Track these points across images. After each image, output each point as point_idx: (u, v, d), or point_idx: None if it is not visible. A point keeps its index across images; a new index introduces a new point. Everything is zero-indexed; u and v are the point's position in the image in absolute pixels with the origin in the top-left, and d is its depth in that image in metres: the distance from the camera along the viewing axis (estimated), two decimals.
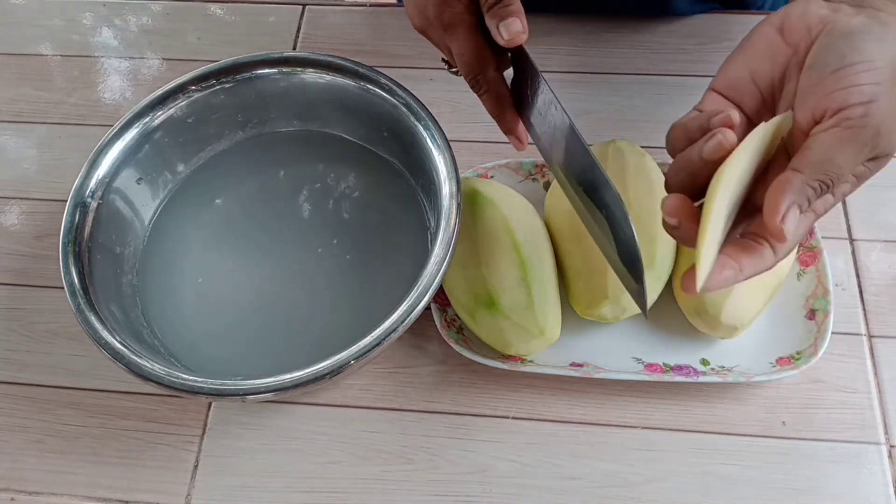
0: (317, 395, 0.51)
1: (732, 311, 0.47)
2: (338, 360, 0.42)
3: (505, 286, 0.48)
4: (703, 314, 0.48)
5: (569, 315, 0.50)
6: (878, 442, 0.48)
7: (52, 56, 0.70)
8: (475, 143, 0.60)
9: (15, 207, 0.61)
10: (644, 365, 0.50)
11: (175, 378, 0.43)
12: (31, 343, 0.54)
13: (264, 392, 0.42)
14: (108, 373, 0.52)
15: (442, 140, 0.49)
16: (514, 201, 0.52)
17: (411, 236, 0.53)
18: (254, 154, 0.57)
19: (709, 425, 0.49)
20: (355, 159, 0.57)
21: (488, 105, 0.44)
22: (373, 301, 0.51)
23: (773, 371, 0.48)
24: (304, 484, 0.48)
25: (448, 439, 0.49)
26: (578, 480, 0.48)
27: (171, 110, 0.53)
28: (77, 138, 0.64)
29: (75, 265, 0.47)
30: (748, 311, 0.48)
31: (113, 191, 0.51)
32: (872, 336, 0.51)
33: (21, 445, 0.51)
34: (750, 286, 0.47)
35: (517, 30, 0.40)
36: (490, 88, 0.43)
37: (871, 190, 0.57)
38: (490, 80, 0.43)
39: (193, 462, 0.49)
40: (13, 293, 0.57)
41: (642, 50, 0.65)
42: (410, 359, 0.52)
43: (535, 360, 0.50)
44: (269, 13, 0.71)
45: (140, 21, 0.71)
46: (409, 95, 0.52)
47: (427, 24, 0.43)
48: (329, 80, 0.54)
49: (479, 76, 0.42)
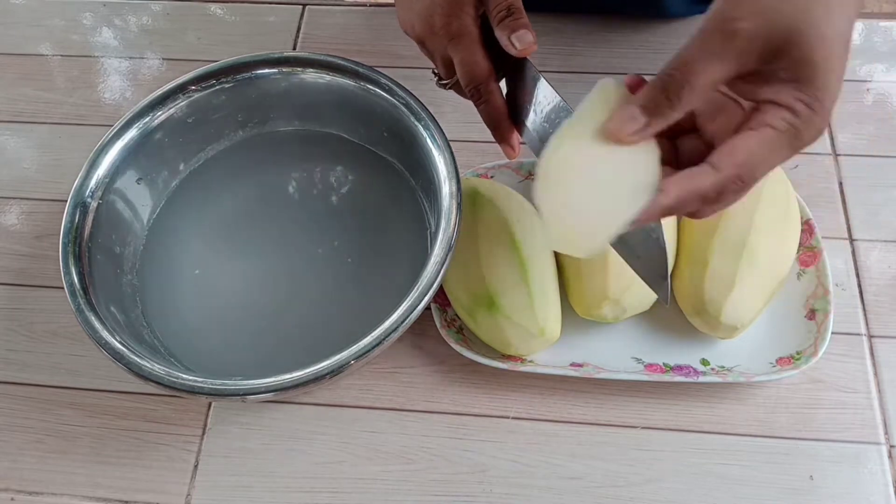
0: (317, 395, 0.51)
1: (732, 311, 0.47)
2: (338, 360, 0.42)
3: (505, 286, 0.48)
4: (703, 314, 0.48)
5: (569, 315, 0.50)
6: (878, 442, 0.48)
7: (52, 56, 0.70)
8: (475, 143, 0.60)
9: (15, 207, 0.61)
10: (644, 365, 0.50)
11: (175, 378, 0.43)
12: (31, 343, 0.54)
13: (264, 392, 0.42)
14: (108, 373, 0.52)
15: (442, 140, 0.50)
16: (514, 201, 0.52)
17: (411, 236, 0.53)
18: (254, 154, 0.57)
19: (709, 425, 0.49)
20: (355, 159, 0.57)
21: (486, 115, 0.44)
22: (373, 301, 0.51)
23: (773, 371, 0.48)
24: (304, 484, 0.48)
25: (448, 439, 0.49)
26: (578, 480, 0.48)
27: (171, 110, 0.54)
28: (77, 138, 0.64)
29: (75, 265, 0.47)
30: (748, 310, 0.48)
31: (113, 191, 0.51)
32: (872, 336, 0.51)
33: (21, 445, 0.51)
34: (750, 287, 0.48)
35: (529, 41, 0.40)
36: (490, 99, 0.43)
37: (872, 190, 0.57)
38: (490, 90, 0.43)
39: (193, 462, 0.49)
40: (13, 293, 0.57)
41: (642, 50, 0.65)
42: (410, 359, 0.52)
43: (535, 360, 0.50)
44: (269, 13, 0.71)
45: (140, 21, 0.71)
46: (409, 95, 0.52)
47: (430, 33, 0.43)
48: (329, 80, 0.54)
49: (480, 86, 0.43)
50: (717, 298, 0.48)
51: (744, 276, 0.47)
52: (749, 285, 0.47)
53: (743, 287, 0.47)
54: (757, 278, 0.48)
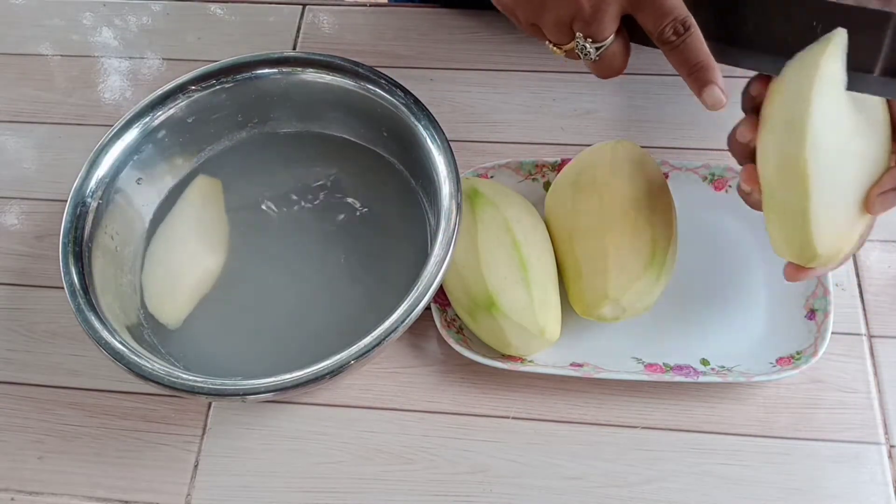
0: (317, 395, 0.51)
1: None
2: (338, 360, 0.42)
3: (505, 286, 0.48)
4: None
5: (569, 315, 0.50)
6: (878, 442, 0.48)
7: (52, 56, 0.70)
8: (475, 143, 0.60)
9: (15, 207, 0.61)
10: (644, 365, 0.50)
11: (175, 378, 0.43)
12: (31, 343, 0.54)
13: (264, 392, 0.42)
14: (108, 373, 0.52)
15: (442, 140, 0.50)
16: (514, 201, 0.52)
17: (411, 236, 0.53)
18: (253, 154, 0.57)
19: (709, 425, 0.49)
20: (355, 159, 0.57)
21: (691, 52, 0.40)
22: (373, 301, 0.51)
23: (773, 371, 0.48)
24: (304, 484, 0.48)
25: (448, 439, 0.49)
26: (578, 480, 0.48)
27: (171, 110, 0.54)
28: (77, 138, 0.64)
29: (75, 265, 0.47)
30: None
31: (113, 191, 0.52)
32: (872, 336, 0.51)
33: (21, 445, 0.51)
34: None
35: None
36: (695, 31, 0.39)
37: None
38: (692, 21, 0.40)
39: (193, 462, 0.49)
40: (13, 293, 0.57)
41: (643, 50, 0.65)
42: (410, 359, 0.52)
43: (535, 360, 0.50)
44: (269, 13, 0.71)
45: (140, 21, 0.71)
46: (409, 95, 0.52)
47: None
48: (329, 80, 0.54)
49: (685, 18, 0.39)
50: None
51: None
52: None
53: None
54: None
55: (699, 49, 0.40)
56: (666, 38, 0.40)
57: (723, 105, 0.40)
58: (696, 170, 0.56)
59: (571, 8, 0.41)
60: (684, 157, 0.56)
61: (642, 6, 0.40)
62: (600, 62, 0.44)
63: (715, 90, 0.40)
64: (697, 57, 0.40)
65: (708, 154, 0.57)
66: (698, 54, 0.40)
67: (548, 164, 0.57)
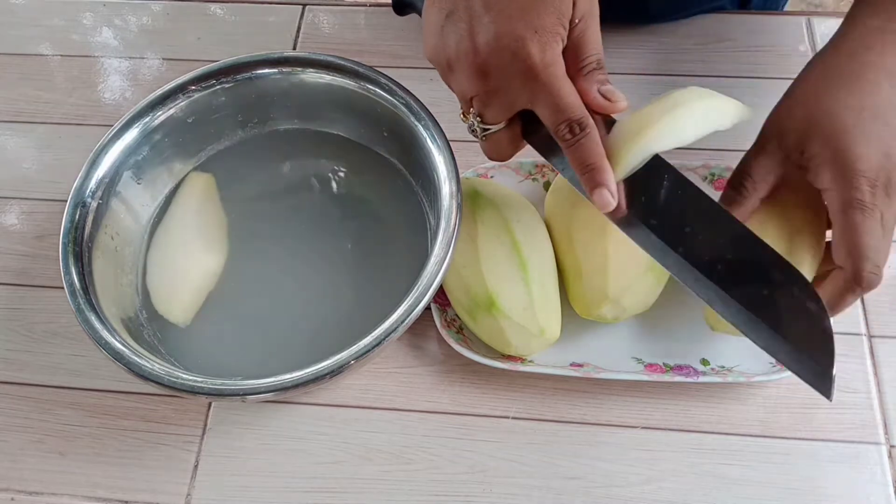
0: (317, 395, 0.51)
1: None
2: (338, 360, 0.42)
3: (505, 286, 0.48)
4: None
5: (569, 315, 0.50)
6: (878, 442, 0.48)
7: (52, 56, 0.70)
8: (475, 143, 0.60)
9: (15, 207, 0.61)
10: (644, 365, 0.50)
11: (175, 378, 0.43)
12: (31, 343, 0.54)
13: (264, 392, 0.42)
14: (108, 373, 0.52)
15: (442, 140, 0.50)
16: (514, 201, 0.52)
17: (411, 236, 0.53)
18: (254, 154, 0.57)
19: (709, 425, 0.49)
20: (355, 159, 0.57)
21: (585, 153, 0.40)
22: (373, 301, 0.51)
23: (773, 371, 0.48)
24: (304, 484, 0.48)
25: (448, 439, 0.49)
26: (578, 480, 0.48)
27: (171, 110, 0.54)
28: (77, 138, 0.64)
29: (75, 265, 0.47)
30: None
31: (113, 191, 0.51)
32: (872, 336, 0.51)
33: (21, 445, 0.51)
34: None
35: (620, 97, 0.42)
36: (592, 133, 0.40)
37: None
38: (591, 122, 0.40)
39: (193, 462, 0.49)
40: (13, 293, 0.57)
41: (642, 50, 0.65)
42: (410, 359, 0.52)
43: (535, 360, 0.50)
44: (269, 13, 0.71)
45: (140, 21, 0.71)
46: (409, 95, 0.52)
47: (501, 65, 0.40)
48: (329, 80, 0.54)
49: (581, 119, 0.39)
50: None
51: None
52: None
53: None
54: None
55: (592, 150, 0.40)
56: (561, 135, 0.40)
57: (611, 208, 0.40)
58: (695, 169, 0.56)
59: (474, 85, 0.41)
60: (684, 157, 0.56)
61: (540, 102, 0.40)
62: (486, 143, 0.45)
63: (604, 192, 0.40)
64: (590, 158, 0.40)
65: (707, 154, 0.57)
66: (591, 155, 0.40)
67: (548, 164, 0.57)
